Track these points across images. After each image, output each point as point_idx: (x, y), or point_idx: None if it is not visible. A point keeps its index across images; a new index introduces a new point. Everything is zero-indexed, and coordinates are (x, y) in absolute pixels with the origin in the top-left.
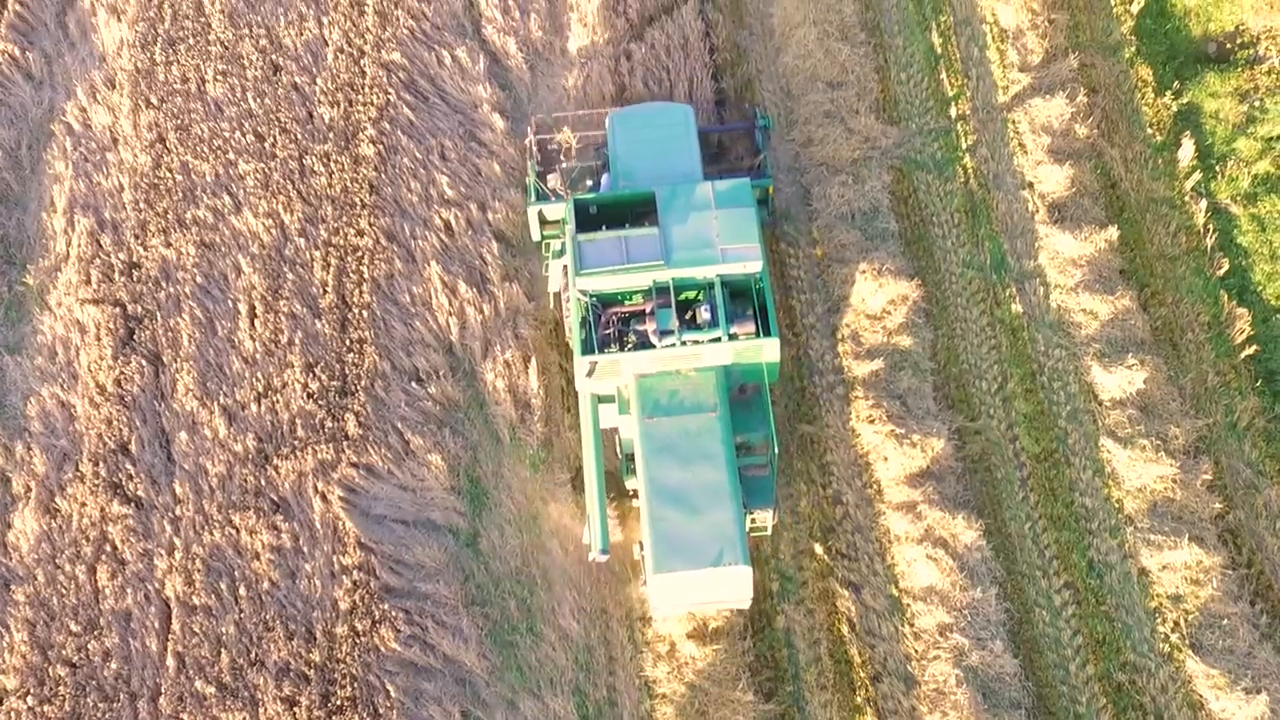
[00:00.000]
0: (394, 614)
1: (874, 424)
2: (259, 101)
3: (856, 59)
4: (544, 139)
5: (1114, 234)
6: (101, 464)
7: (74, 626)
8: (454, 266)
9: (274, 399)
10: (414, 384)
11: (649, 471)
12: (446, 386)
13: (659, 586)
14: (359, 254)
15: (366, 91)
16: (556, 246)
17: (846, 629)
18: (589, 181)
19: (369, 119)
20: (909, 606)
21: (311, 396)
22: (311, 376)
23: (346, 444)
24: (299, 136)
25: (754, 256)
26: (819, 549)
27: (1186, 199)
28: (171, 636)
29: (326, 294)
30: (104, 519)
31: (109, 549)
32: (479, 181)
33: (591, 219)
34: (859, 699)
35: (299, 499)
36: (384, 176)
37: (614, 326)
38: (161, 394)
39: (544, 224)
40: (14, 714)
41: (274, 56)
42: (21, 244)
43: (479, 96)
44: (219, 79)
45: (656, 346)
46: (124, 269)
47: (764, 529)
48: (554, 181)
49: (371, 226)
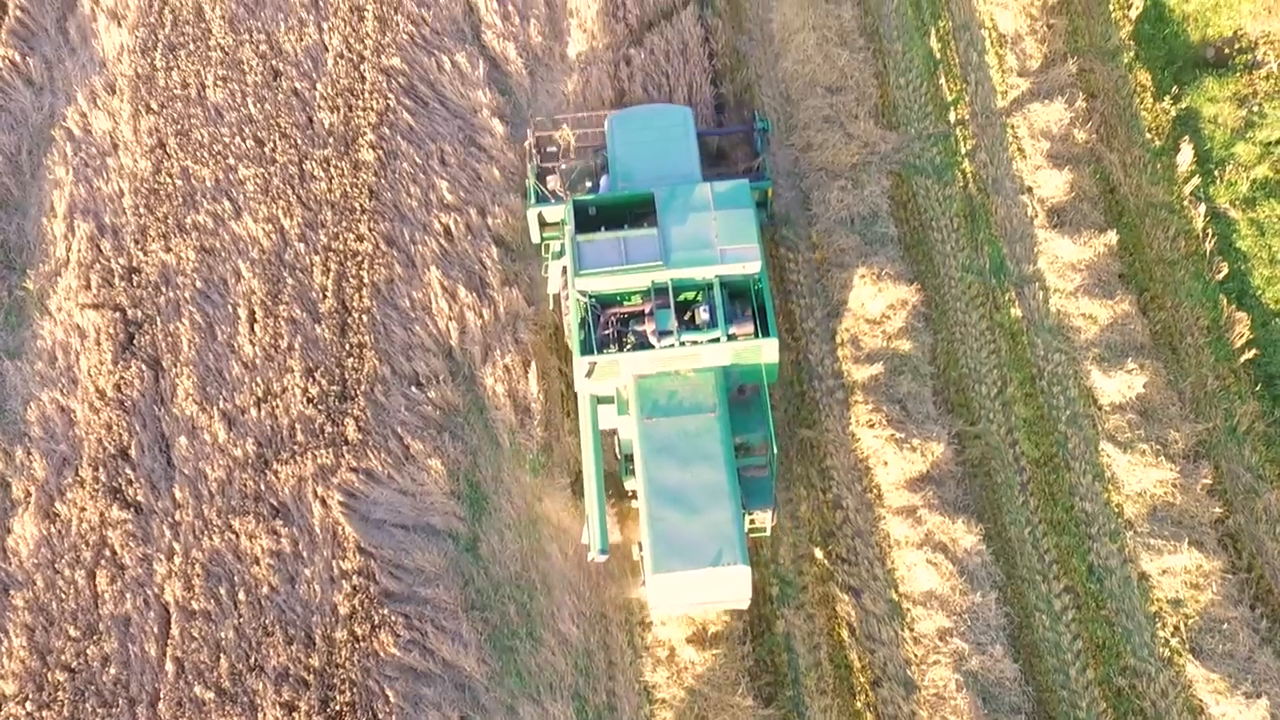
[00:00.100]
0: (393, 619)
1: (874, 428)
2: (259, 107)
3: (855, 64)
4: (544, 139)
5: (1113, 238)
6: (101, 469)
7: (73, 631)
8: (454, 271)
9: (274, 404)
10: (414, 389)
11: (648, 472)
12: (446, 391)
13: (658, 586)
14: (359, 259)
15: (366, 96)
16: (556, 248)
17: (846, 634)
18: (588, 183)
19: (369, 124)
20: (909, 611)
21: (311, 401)
22: (311, 381)
23: (346, 449)
24: (299, 141)
25: (753, 257)
26: (819, 553)
27: (1185, 203)
28: (170, 641)
29: (326, 299)
30: (103, 524)
31: (108, 554)
32: (478, 186)
33: (591, 220)
34: (859, 704)
35: (298, 504)
36: (384, 181)
37: (613, 327)
38: (161, 399)
39: (543, 225)
40: (12, 719)
41: (274, 62)
42: (22, 249)
43: (478, 102)
44: (219, 84)
45: (655, 347)
46: (124, 274)
47: (763, 530)
48: (553, 183)
49: (371, 231)
